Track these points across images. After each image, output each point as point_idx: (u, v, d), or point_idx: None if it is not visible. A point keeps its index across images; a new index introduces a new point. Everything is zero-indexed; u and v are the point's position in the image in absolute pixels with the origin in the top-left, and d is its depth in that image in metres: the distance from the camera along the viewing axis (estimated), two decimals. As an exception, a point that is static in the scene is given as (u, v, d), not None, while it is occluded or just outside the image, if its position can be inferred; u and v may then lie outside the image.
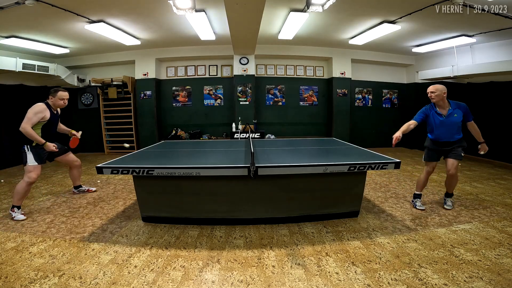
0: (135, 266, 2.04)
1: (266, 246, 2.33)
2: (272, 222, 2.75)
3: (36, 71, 5.56)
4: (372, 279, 1.85)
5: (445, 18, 4.35)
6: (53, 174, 5.01)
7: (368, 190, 3.85)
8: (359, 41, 5.96)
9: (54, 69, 5.96)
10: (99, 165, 2.41)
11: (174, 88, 7.33)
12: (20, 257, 2.16)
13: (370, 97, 7.81)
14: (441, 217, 2.90)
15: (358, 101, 7.72)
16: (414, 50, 6.58)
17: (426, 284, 1.78)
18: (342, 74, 7.17)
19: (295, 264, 2.06)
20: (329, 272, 1.95)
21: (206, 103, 7.34)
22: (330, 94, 7.35)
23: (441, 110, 2.97)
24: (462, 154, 2.95)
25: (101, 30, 4.80)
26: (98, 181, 4.54)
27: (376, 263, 2.04)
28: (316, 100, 7.55)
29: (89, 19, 4.42)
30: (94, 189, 4.00)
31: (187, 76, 7.29)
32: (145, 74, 6.92)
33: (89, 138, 6.49)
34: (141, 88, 6.99)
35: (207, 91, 7.32)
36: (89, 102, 7.41)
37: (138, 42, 5.85)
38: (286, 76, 7.41)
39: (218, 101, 7.35)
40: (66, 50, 6.13)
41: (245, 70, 6.80)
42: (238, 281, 1.86)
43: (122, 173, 2.43)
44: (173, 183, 2.64)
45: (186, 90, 7.32)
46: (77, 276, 1.91)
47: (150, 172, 2.34)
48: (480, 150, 3.06)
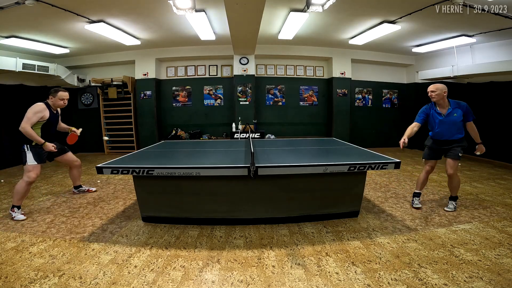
0: (135, 266, 2.04)
1: (266, 246, 2.33)
2: (272, 222, 2.76)
3: (36, 71, 5.56)
4: (372, 279, 1.85)
5: (445, 18, 4.35)
6: (53, 174, 5.01)
7: (368, 190, 3.85)
8: (359, 41, 5.96)
9: (54, 69, 5.96)
10: (99, 165, 2.42)
11: (174, 88, 7.33)
12: (20, 257, 2.16)
13: (370, 97, 7.80)
14: (441, 217, 2.90)
15: (358, 101, 7.72)
16: (414, 50, 6.58)
17: (426, 284, 1.78)
18: (342, 74, 7.17)
19: (295, 264, 2.06)
20: (329, 272, 1.95)
21: (206, 103, 7.34)
22: (330, 94, 7.35)
23: (441, 109, 2.97)
24: (460, 154, 2.92)
25: (101, 30, 4.80)
26: (98, 181, 4.54)
27: (376, 263, 2.04)
28: (316, 100, 7.55)
29: (89, 19, 4.43)
30: (94, 189, 4.00)
31: (187, 76, 7.29)
32: (145, 74, 6.92)
33: (89, 138, 6.49)
34: (141, 88, 6.99)
35: (207, 91, 7.32)
36: (89, 102, 7.41)
37: (138, 42, 5.85)
38: (286, 76, 7.40)
39: (218, 101, 7.35)
40: (66, 50, 6.13)
41: (245, 70, 6.80)
42: (238, 281, 1.86)
43: (122, 173, 2.44)
44: (173, 183, 2.64)
45: (186, 90, 7.32)
46: (77, 276, 1.91)
47: (150, 172, 2.34)
48: (476, 151, 3.05)
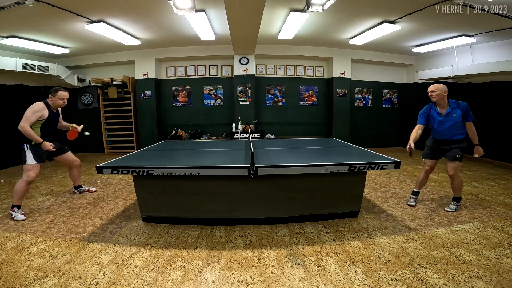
0: (135, 266, 2.04)
1: (266, 246, 2.33)
2: (272, 222, 2.75)
3: (36, 71, 5.56)
4: (372, 279, 1.85)
5: (445, 18, 4.35)
6: (53, 174, 5.01)
7: (368, 190, 3.85)
8: (359, 41, 5.96)
9: (54, 69, 5.96)
10: (99, 165, 2.42)
11: (174, 88, 7.33)
12: (20, 257, 2.16)
13: (370, 97, 7.80)
14: (441, 217, 2.90)
15: (358, 101, 7.71)
16: (414, 50, 6.58)
17: (426, 284, 1.78)
18: (342, 74, 7.17)
19: (295, 264, 2.06)
20: (329, 272, 1.95)
21: (206, 103, 7.34)
22: (330, 94, 7.34)
23: (440, 109, 2.97)
24: (458, 156, 2.90)
25: (101, 30, 4.80)
26: (98, 181, 4.54)
27: (376, 263, 2.04)
28: (316, 100, 7.55)
29: (89, 19, 4.42)
30: (94, 189, 4.00)
31: (187, 76, 7.29)
32: (145, 74, 6.92)
33: (89, 138, 6.45)
34: (141, 88, 6.99)
35: (207, 91, 7.31)
36: (89, 102, 7.41)
37: (138, 42, 5.85)
38: (286, 76, 7.40)
39: (218, 101, 7.35)
40: (66, 50, 6.13)
41: (245, 70, 6.80)
42: (238, 281, 1.86)
43: (122, 173, 2.44)
44: (173, 183, 2.64)
45: (186, 90, 7.31)
46: (77, 276, 1.91)
47: (150, 172, 2.34)
48: (474, 153, 2.99)
